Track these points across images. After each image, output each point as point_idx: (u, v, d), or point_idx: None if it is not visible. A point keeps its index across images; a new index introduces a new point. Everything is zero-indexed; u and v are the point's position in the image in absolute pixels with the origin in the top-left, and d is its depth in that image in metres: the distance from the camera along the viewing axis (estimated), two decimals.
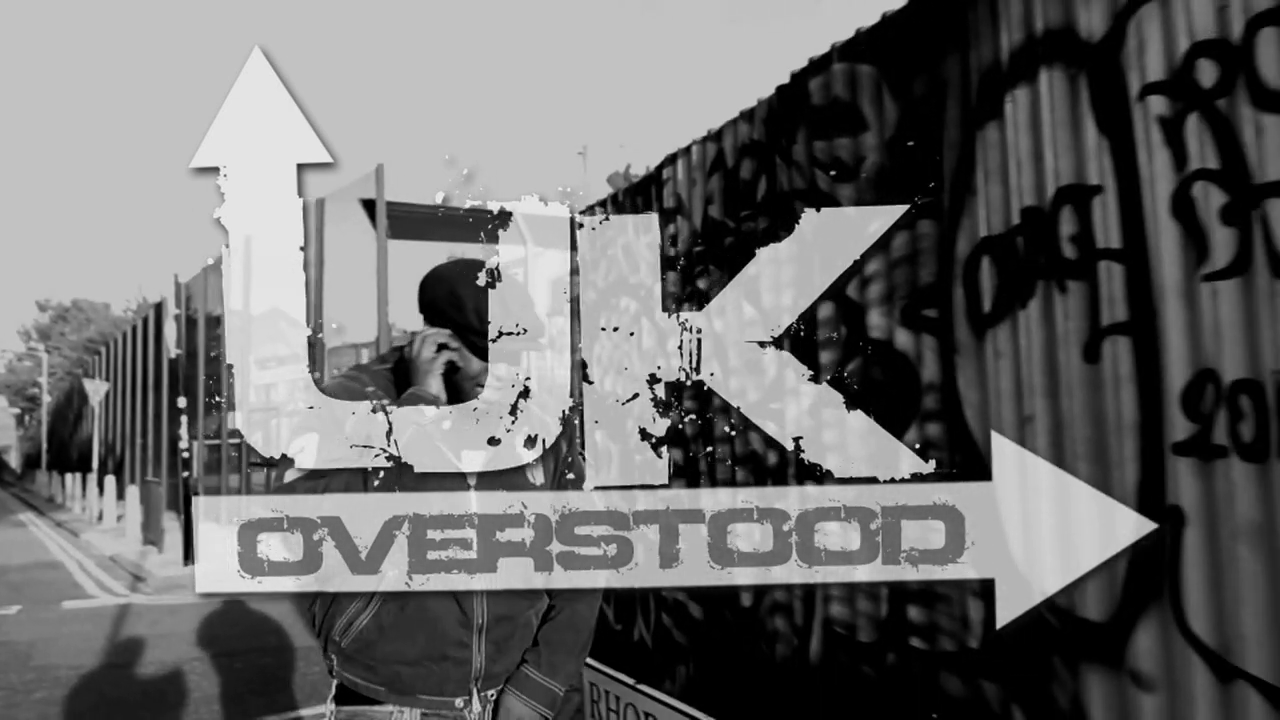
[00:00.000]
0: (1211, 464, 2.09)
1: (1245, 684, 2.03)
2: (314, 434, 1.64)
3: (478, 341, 1.67)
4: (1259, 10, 1.98)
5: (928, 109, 2.92)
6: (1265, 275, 1.97)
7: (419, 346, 1.68)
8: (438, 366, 1.66)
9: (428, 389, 1.65)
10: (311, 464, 1.61)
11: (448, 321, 1.68)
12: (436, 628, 1.63)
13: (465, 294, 1.66)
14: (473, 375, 1.70)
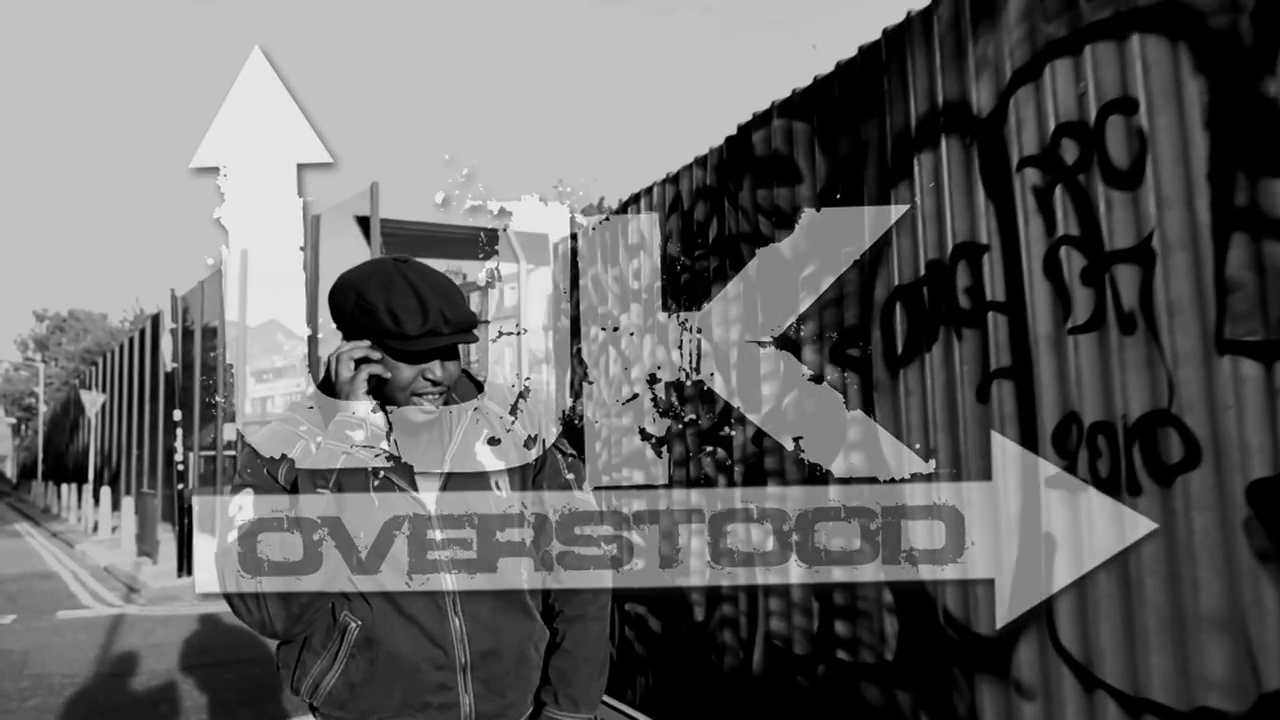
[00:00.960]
0: (1075, 496, 2.36)
1: (1104, 693, 2.29)
2: (248, 492, 1.51)
3: (399, 346, 1.46)
4: (1109, 99, 2.26)
5: (852, 166, 3.20)
6: (1115, 331, 2.25)
7: (336, 367, 1.48)
8: (359, 385, 1.46)
9: (353, 410, 1.46)
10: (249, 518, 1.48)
11: (363, 331, 1.48)
12: (414, 676, 1.49)
13: (374, 297, 1.46)
14: (404, 385, 1.49)
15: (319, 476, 1.45)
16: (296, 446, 1.53)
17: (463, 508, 1.57)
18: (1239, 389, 1.97)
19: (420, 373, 1.50)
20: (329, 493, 1.44)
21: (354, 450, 1.46)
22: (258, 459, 1.55)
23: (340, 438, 1.46)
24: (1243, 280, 1.96)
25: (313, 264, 16.74)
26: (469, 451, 1.61)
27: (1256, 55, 1.93)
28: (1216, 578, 2.03)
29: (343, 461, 1.45)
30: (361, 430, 1.46)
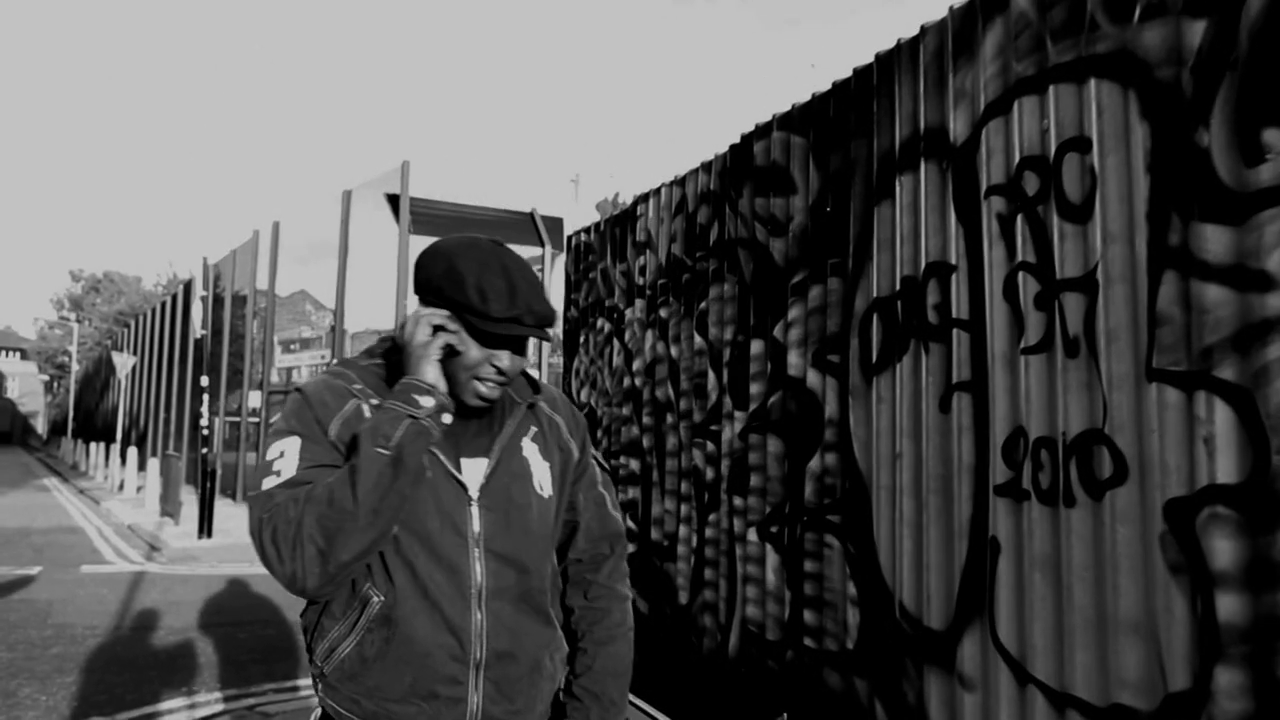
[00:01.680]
0: (1019, 504, 2.54)
1: (1034, 687, 2.47)
2: (295, 438, 1.43)
3: (478, 324, 1.40)
4: (1067, 137, 2.42)
5: (841, 181, 3.37)
6: (1061, 353, 2.41)
7: (412, 328, 1.42)
8: (434, 350, 1.41)
9: (423, 376, 1.39)
10: (291, 471, 1.39)
11: (445, 301, 1.43)
12: (426, 663, 1.44)
13: (466, 269, 1.41)
14: (470, 365, 1.44)
15: (379, 436, 1.34)
16: (349, 404, 1.46)
17: (504, 500, 1.49)
18: (1162, 414, 2.14)
19: (489, 358, 1.44)
20: (389, 454, 1.34)
21: (422, 417, 1.36)
22: (308, 408, 1.46)
23: (408, 401, 1.37)
24: (1171, 314, 2.13)
25: (343, 239, 17.06)
26: (516, 446, 1.55)
27: (1195, 106, 2.08)
28: (1134, 586, 2.20)
29: (406, 427, 1.35)
30: (431, 398, 1.38)
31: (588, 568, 1.67)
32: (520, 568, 1.50)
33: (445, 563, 1.44)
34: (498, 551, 1.47)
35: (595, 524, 1.67)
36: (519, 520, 1.50)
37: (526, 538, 1.51)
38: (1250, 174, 1.97)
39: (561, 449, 1.62)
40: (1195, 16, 2.09)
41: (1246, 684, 1.97)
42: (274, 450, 1.43)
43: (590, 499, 1.67)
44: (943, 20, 2.90)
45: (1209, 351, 2.03)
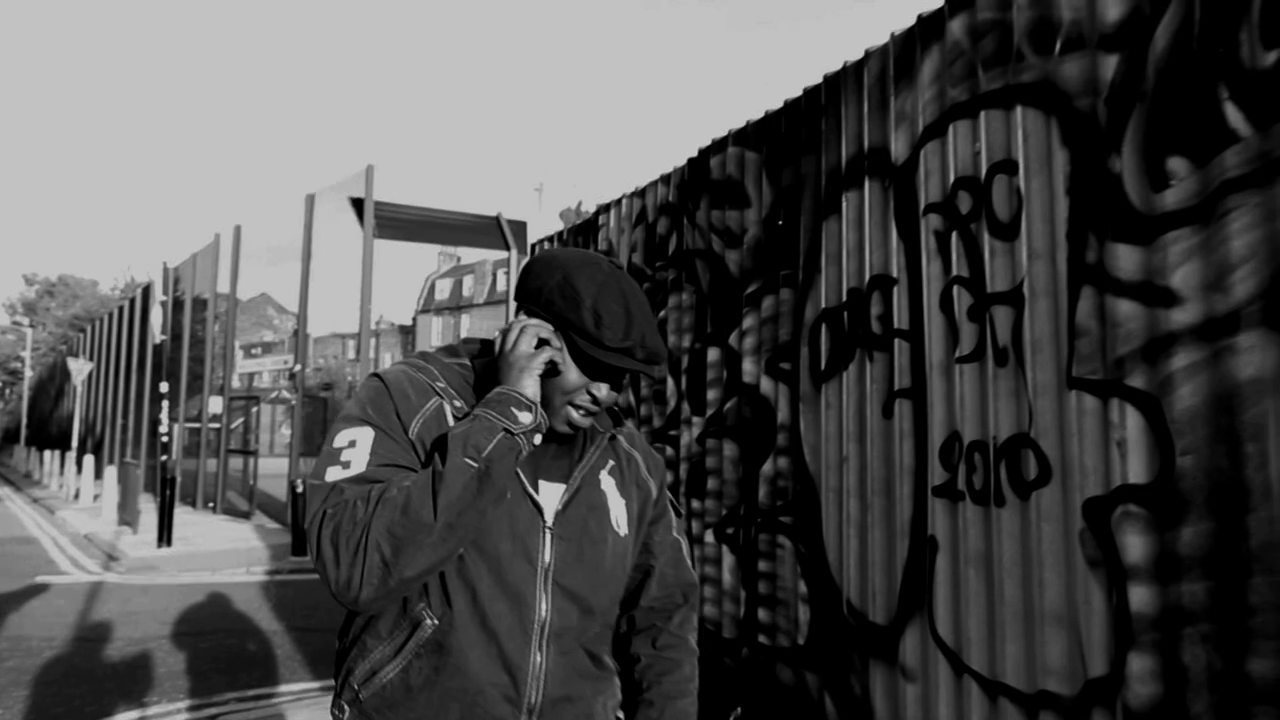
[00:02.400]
0: (955, 504, 2.69)
1: (969, 677, 2.63)
2: (369, 429, 1.31)
3: (587, 349, 1.30)
4: (997, 160, 2.58)
5: (793, 196, 3.52)
6: (991, 362, 2.57)
7: (516, 337, 1.32)
8: (537, 365, 1.30)
9: (523, 389, 1.29)
10: (362, 466, 1.27)
11: (554, 316, 1.33)
12: (476, 700, 1.31)
13: (583, 288, 1.31)
14: (568, 389, 1.34)
15: (470, 446, 1.22)
16: (431, 401, 1.36)
17: (580, 532, 1.38)
18: (1081, 420, 2.30)
19: (587, 385, 1.35)
20: (477, 467, 1.21)
21: (518, 433, 1.25)
22: (388, 398, 1.34)
23: (504, 413, 1.25)
24: (1089, 327, 2.29)
25: (306, 243, 16.95)
26: (595, 477, 1.45)
27: (1108, 135, 2.25)
28: (1058, 579, 2.36)
29: (499, 441, 1.23)
30: (530, 414, 1.26)
31: (659, 615, 1.56)
32: (586, 608, 1.38)
33: (510, 592, 1.32)
34: (566, 587, 1.36)
35: (670, 571, 1.57)
36: (592, 556, 1.39)
37: (598, 575, 1.40)
38: (1157, 198, 2.14)
39: (639, 487, 1.52)
40: (1108, 52, 2.26)
41: (1156, 669, 2.13)
42: (343, 438, 1.30)
43: (666, 544, 1.57)
44: (885, 45, 3.05)
45: (1121, 362, 2.20)
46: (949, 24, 2.76)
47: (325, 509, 1.24)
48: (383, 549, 1.19)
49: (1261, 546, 1.90)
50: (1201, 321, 2.02)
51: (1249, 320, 1.93)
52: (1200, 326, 2.02)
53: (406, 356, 1.47)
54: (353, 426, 1.32)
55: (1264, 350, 1.91)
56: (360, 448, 1.29)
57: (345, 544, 1.20)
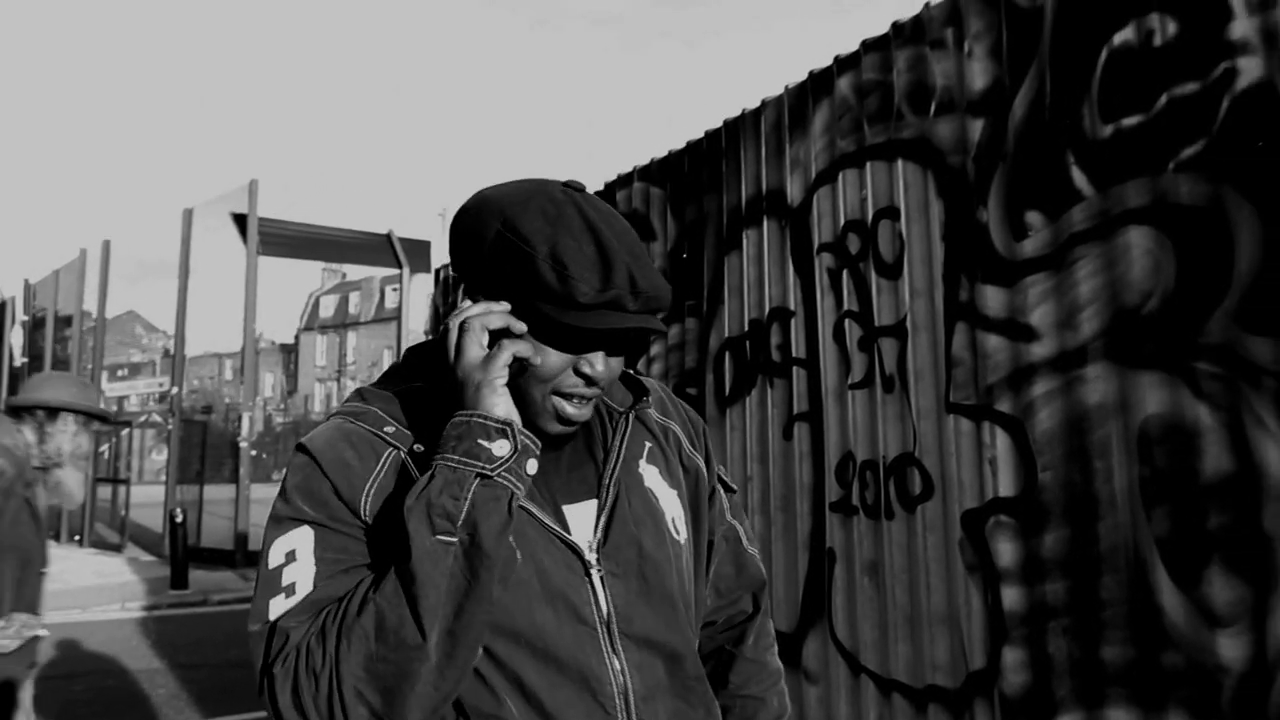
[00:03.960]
0: (850, 519, 2.95)
1: (865, 676, 2.88)
2: (305, 529, 0.95)
3: (557, 315, 0.93)
4: (881, 206, 2.86)
5: (696, 232, 3.74)
6: (880, 389, 2.85)
7: (459, 338, 0.95)
8: (498, 370, 0.93)
9: (488, 409, 0.92)
10: (308, 585, 0.92)
11: (503, 283, 0.95)
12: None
13: (532, 229, 0.94)
14: (547, 376, 0.98)
15: (437, 514, 0.87)
16: (385, 458, 0.99)
17: (634, 557, 1.04)
18: (958, 440, 2.58)
19: (574, 364, 0.98)
20: (456, 541, 0.88)
21: (495, 473, 0.90)
22: (319, 476, 0.97)
23: (470, 451, 0.90)
24: (963, 358, 2.58)
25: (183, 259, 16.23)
26: (634, 476, 1.10)
27: (976, 189, 2.56)
28: (941, 584, 2.64)
29: (475, 489, 0.88)
30: (506, 441, 0.91)
31: (727, 635, 1.24)
32: (670, 653, 1.05)
33: (570, 669, 0.98)
34: (639, 636, 1.03)
35: (729, 569, 1.24)
36: (659, 584, 1.05)
37: (671, 608, 1.06)
38: (1018, 246, 2.45)
39: (687, 467, 1.17)
40: (975, 116, 2.57)
41: (1027, 660, 2.42)
42: (277, 551, 0.95)
43: (721, 534, 1.22)
44: (780, 96, 3.32)
45: (991, 389, 2.49)
46: (837, 81, 3.04)
47: (271, 669, 0.89)
48: (368, 698, 0.86)
49: (1109, 550, 2.21)
50: (1056, 355, 2.33)
51: (1094, 354, 2.25)
52: (1055, 359, 2.33)
53: (342, 403, 1.09)
54: (285, 531, 0.95)
55: (1107, 380, 2.22)
56: (302, 559, 0.93)
57: (315, 708, 0.86)
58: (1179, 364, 2.07)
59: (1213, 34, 2.02)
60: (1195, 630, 2.03)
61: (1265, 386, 1.92)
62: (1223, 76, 2.00)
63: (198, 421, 18.97)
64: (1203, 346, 2.03)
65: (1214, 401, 2.01)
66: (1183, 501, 2.06)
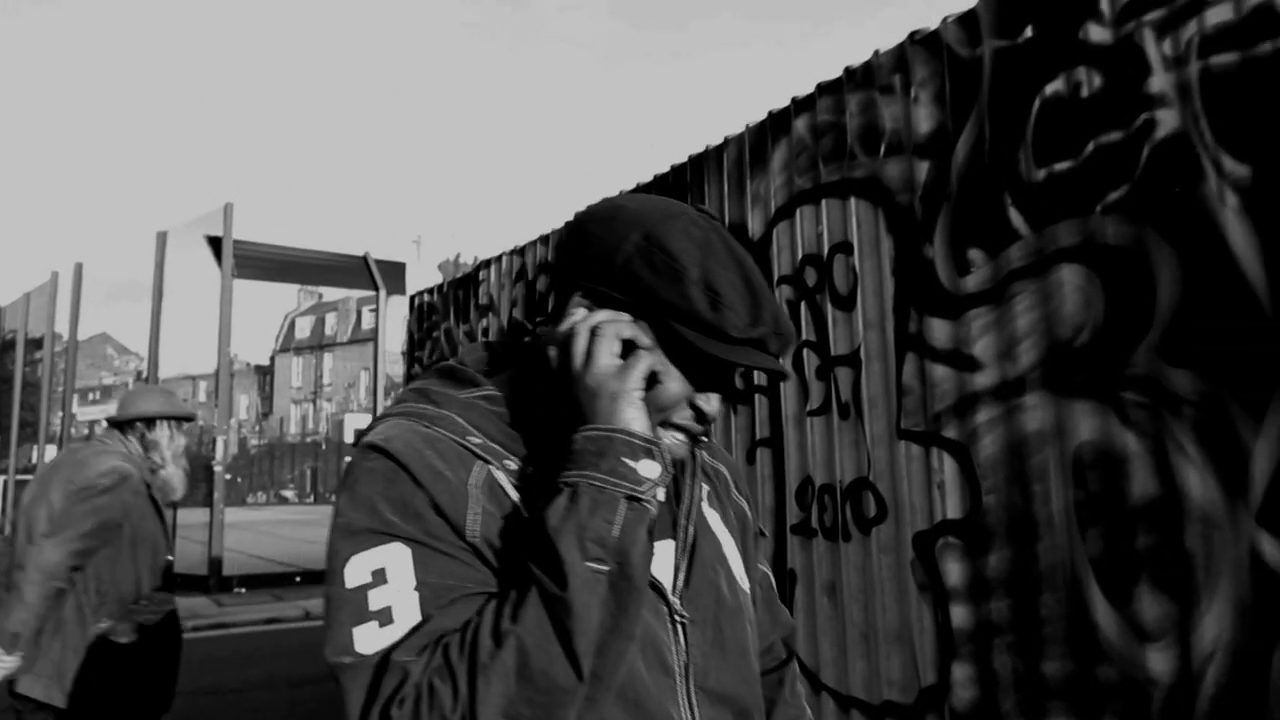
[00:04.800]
0: (809, 540, 3.06)
1: (826, 693, 2.98)
2: (399, 546, 0.83)
3: (700, 343, 0.88)
4: (836, 241, 3.00)
5: None
6: (836, 416, 2.97)
7: (588, 345, 0.88)
8: (635, 382, 0.87)
9: (631, 425, 0.84)
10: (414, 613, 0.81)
11: (639, 297, 0.89)
12: None
13: (683, 252, 0.88)
14: (665, 404, 0.91)
15: (591, 538, 0.79)
16: (476, 472, 0.88)
17: (712, 605, 0.98)
18: (909, 465, 2.71)
19: (690, 397, 0.93)
20: (608, 571, 0.79)
21: (646, 496, 0.82)
22: (411, 484, 0.85)
23: (615, 470, 0.82)
24: (912, 386, 2.71)
25: (157, 282, 16.19)
26: (703, 518, 1.04)
27: (923, 226, 2.70)
28: (895, 603, 2.75)
29: (627, 516, 0.81)
30: (655, 463, 0.83)
31: (768, 682, 1.19)
32: (741, 711, 0.98)
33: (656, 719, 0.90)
34: (713, 690, 0.95)
35: (765, 615, 1.19)
36: (733, 634, 0.99)
37: (745, 660, 1.00)
38: (961, 281, 2.58)
39: (737, 514, 1.14)
40: (921, 158, 2.71)
41: (974, 675, 2.53)
42: (358, 569, 0.82)
43: (756, 580, 1.16)
44: (741, 134, 3.46)
45: (939, 416, 2.62)
46: (794, 122, 3.19)
47: (387, 710, 0.76)
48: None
49: (1048, 569, 2.33)
50: (998, 384, 2.47)
51: (1032, 384, 2.39)
52: (997, 388, 2.47)
53: (397, 399, 0.98)
54: (369, 546, 0.83)
55: (1044, 408, 2.36)
56: (396, 581, 0.81)
57: None
58: (1108, 394, 2.21)
59: (1134, 87, 2.18)
60: (1127, 645, 2.15)
61: (1185, 415, 2.06)
62: (1143, 126, 2.16)
63: None
64: (1129, 377, 2.17)
65: (1140, 429, 2.15)
66: (1114, 523, 2.19)
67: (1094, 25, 2.27)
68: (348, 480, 0.88)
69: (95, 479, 2.79)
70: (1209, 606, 2.01)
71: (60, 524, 2.72)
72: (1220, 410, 1.99)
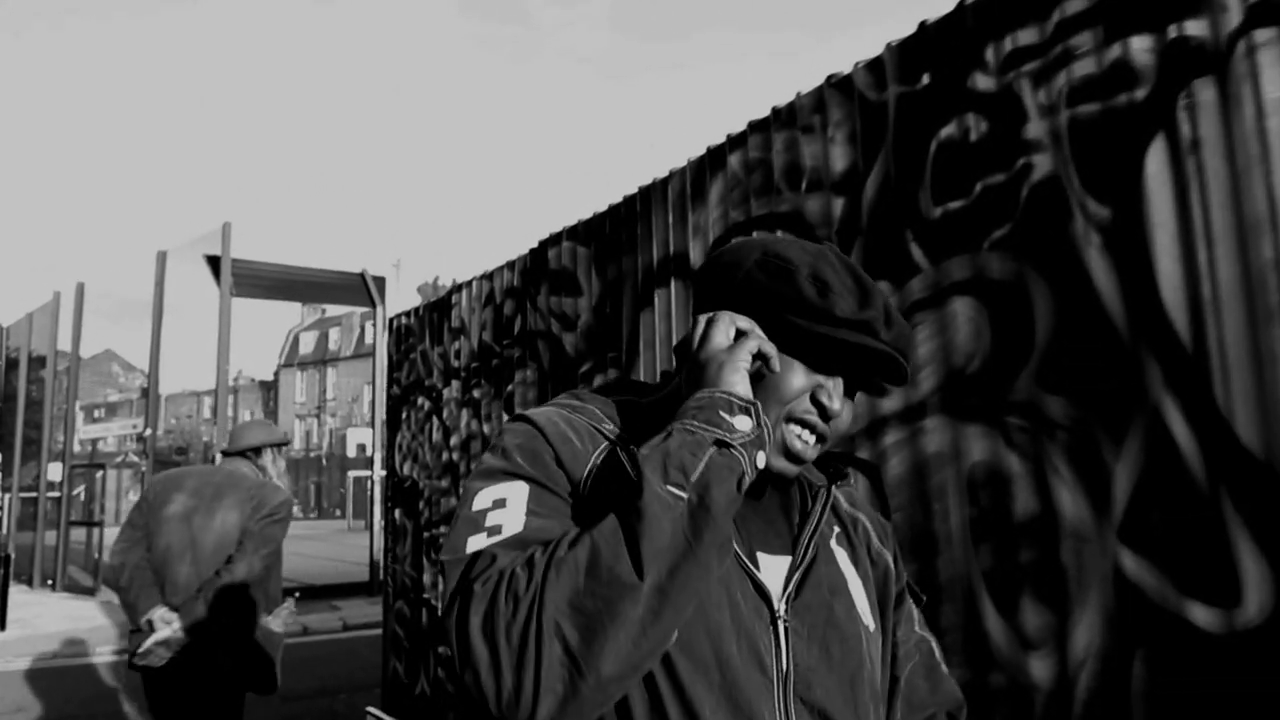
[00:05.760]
0: None
1: None
2: (522, 484, 0.94)
3: (810, 326, 0.96)
4: None
5: (616, 289, 4.04)
6: None
7: (704, 329, 0.97)
8: (743, 356, 0.94)
9: (731, 385, 0.91)
10: (518, 526, 0.90)
11: (756, 300, 0.99)
12: None
13: (796, 257, 0.99)
14: (785, 396, 0.98)
15: (674, 464, 0.86)
16: (601, 449, 0.98)
17: (823, 623, 1.00)
18: None
19: (814, 388, 0.99)
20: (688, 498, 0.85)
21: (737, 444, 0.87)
22: (544, 443, 0.97)
23: (712, 420, 0.88)
24: None
25: (157, 301, 16.44)
26: (828, 548, 1.08)
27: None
28: None
29: (712, 454, 0.86)
30: (749, 419, 0.89)
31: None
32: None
33: (744, 714, 0.92)
34: (815, 704, 0.96)
35: (923, 682, 1.17)
36: (843, 658, 1.00)
37: (853, 688, 1.00)
38: None
39: (875, 562, 1.16)
40: (837, 194, 2.89)
41: None
42: (484, 497, 0.93)
43: (913, 644, 1.18)
44: (683, 168, 3.64)
45: (853, 438, 2.78)
46: (729, 157, 3.36)
47: (469, 586, 0.85)
48: (565, 633, 0.81)
49: (948, 581, 2.49)
50: (902, 408, 2.63)
51: (932, 408, 2.55)
52: (902, 412, 2.63)
53: (552, 400, 1.12)
54: (498, 482, 0.95)
55: (942, 431, 2.52)
56: (513, 506, 0.92)
57: (506, 634, 0.81)
58: (995, 418, 2.37)
59: (1014, 133, 2.35)
60: (1014, 652, 2.31)
61: (1059, 439, 2.22)
62: (1022, 169, 2.33)
63: (174, 462, 19.05)
64: (1012, 403, 2.33)
65: (1022, 451, 2.31)
66: (1002, 538, 2.35)
67: (980, 74, 2.44)
68: (494, 441, 1.03)
69: (277, 506, 3.75)
70: (1081, 616, 2.16)
71: (260, 541, 3.63)
72: (1088, 434, 2.15)
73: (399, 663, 5.78)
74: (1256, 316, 1.85)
